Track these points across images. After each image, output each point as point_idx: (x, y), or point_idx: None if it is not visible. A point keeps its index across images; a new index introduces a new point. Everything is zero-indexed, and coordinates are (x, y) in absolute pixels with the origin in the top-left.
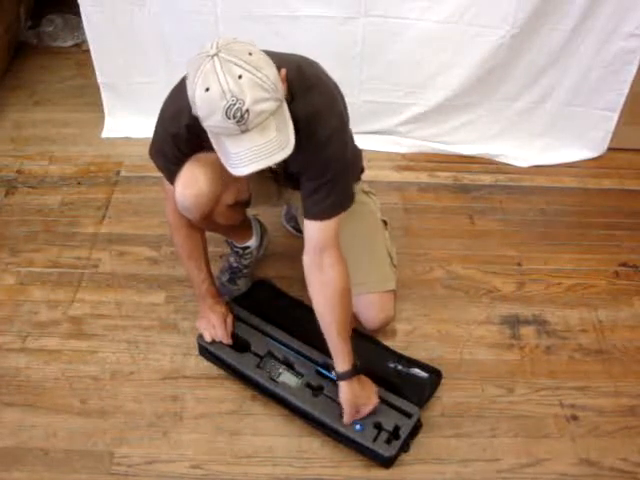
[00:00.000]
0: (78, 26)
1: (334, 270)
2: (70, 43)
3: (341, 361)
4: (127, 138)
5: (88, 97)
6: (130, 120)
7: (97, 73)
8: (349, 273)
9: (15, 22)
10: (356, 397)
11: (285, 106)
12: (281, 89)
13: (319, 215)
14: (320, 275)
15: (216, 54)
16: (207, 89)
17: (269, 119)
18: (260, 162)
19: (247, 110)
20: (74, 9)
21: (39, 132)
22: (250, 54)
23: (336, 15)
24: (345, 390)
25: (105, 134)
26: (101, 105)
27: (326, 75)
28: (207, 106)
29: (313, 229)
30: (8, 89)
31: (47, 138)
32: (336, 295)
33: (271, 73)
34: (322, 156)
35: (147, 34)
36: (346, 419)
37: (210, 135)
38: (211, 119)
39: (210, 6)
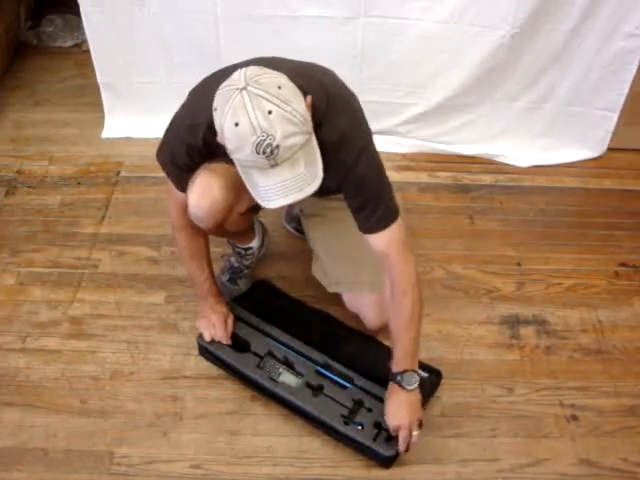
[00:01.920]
0: (78, 26)
1: (393, 271)
2: (70, 43)
3: (398, 359)
4: (127, 138)
5: (88, 97)
6: (130, 120)
7: (97, 73)
8: (352, 272)
9: (15, 22)
10: (395, 410)
11: (313, 138)
12: (309, 121)
13: (371, 230)
14: (388, 275)
15: (245, 87)
16: (237, 124)
17: (298, 153)
18: (290, 196)
19: (277, 146)
20: (74, 9)
21: (39, 132)
22: (279, 87)
23: (336, 15)
24: (390, 391)
25: (105, 134)
26: (101, 105)
27: (344, 87)
28: (236, 140)
29: (371, 241)
30: (8, 89)
31: (47, 138)
32: (397, 293)
33: (300, 106)
34: (355, 176)
35: (147, 34)
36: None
37: (238, 166)
38: (240, 153)
39: (210, 6)
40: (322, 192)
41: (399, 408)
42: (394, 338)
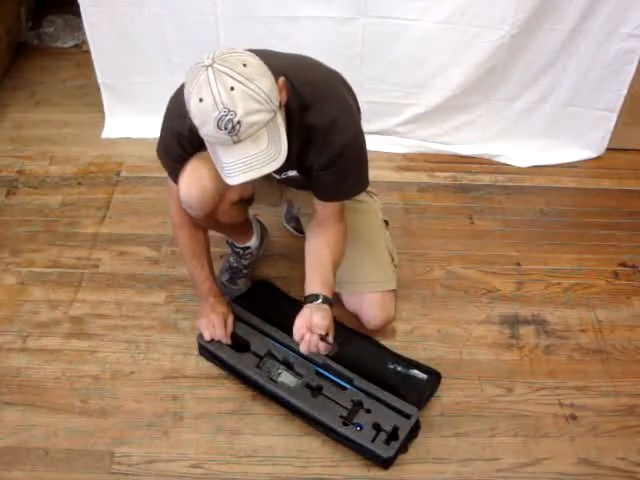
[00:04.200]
0: (78, 27)
1: (337, 226)
2: (70, 44)
3: (325, 289)
4: (127, 138)
5: (88, 97)
6: (130, 120)
7: (97, 73)
8: (351, 272)
9: (16, 23)
10: (310, 321)
11: (279, 117)
12: (276, 100)
13: (333, 199)
14: (324, 225)
15: (211, 65)
16: (201, 99)
17: (262, 130)
18: (251, 172)
19: (238, 122)
20: (74, 9)
21: (40, 132)
22: (244, 65)
23: (336, 15)
24: (303, 312)
25: (105, 134)
26: (101, 105)
27: (334, 75)
28: (201, 116)
29: (323, 205)
30: (9, 89)
31: (47, 138)
32: (337, 240)
33: (265, 84)
34: (340, 160)
35: (147, 34)
36: (295, 335)
37: (206, 143)
38: (204, 129)
39: (210, 6)
40: (305, 171)
41: (315, 313)
42: (316, 267)
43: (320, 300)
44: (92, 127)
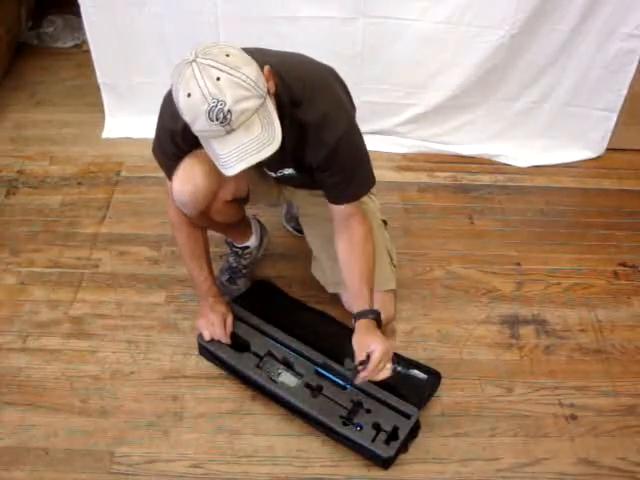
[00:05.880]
0: (78, 27)
1: (359, 228)
2: (70, 44)
3: (361, 303)
4: (127, 138)
5: (88, 97)
6: (130, 120)
7: (97, 73)
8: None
9: (16, 23)
10: (366, 337)
11: (269, 102)
12: (263, 86)
13: (344, 200)
14: (346, 231)
15: (194, 60)
16: (189, 94)
17: (253, 117)
18: (247, 160)
19: (229, 110)
20: (74, 10)
21: (40, 132)
22: (227, 55)
23: (336, 16)
24: (357, 328)
25: (105, 134)
26: (101, 105)
27: (326, 70)
28: (191, 111)
29: (338, 208)
30: (9, 90)
31: (48, 138)
32: (360, 244)
33: (250, 71)
34: (336, 157)
35: (147, 34)
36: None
37: (201, 140)
38: (196, 124)
39: (210, 6)
40: (302, 169)
41: (374, 335)
42: (356, 286)
43: (367, 314)
44: (92, 127)
